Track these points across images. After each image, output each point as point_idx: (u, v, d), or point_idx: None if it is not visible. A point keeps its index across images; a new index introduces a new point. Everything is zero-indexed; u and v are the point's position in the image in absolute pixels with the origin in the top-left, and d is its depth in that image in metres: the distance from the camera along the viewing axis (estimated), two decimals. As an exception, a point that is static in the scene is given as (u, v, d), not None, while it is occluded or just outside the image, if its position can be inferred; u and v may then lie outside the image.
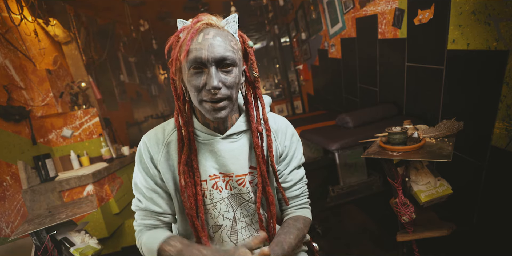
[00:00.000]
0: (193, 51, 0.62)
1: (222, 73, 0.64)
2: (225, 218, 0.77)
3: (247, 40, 0.70)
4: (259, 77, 0.74)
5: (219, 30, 0.65)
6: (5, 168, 1.89)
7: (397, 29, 2.14)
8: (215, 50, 0.62)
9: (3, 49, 2.09)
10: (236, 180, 0.76)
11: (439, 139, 1.34)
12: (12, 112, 2.00)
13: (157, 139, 0.76)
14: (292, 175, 0.84)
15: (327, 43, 3.42)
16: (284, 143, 0.81)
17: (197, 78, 0.63)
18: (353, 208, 2.23)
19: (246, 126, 0.76)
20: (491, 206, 1.63)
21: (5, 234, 1.74)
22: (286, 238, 0.74)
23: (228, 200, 0.77)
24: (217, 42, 0.62)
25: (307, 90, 4.68)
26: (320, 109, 4.27)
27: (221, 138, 0.74)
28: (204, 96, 0.64)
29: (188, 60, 0.62)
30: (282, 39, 5.32)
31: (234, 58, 0.64)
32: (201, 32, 0.63)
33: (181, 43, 0.63)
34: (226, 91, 0.64)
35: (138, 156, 0.78)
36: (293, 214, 0.84)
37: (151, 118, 5.47)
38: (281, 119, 0.85)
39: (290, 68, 5.28)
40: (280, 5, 3.68)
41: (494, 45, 1.43)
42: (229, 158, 0.74)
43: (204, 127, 0.74)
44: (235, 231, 0.79)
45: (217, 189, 0.75)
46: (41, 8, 2.46)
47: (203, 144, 0.74)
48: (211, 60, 0.62)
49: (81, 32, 3.09)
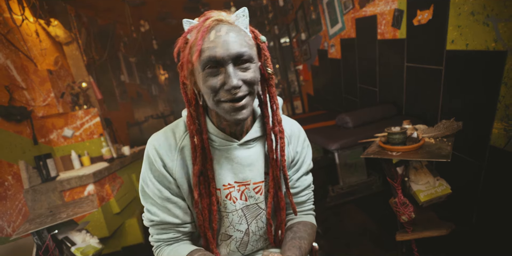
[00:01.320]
0: (206, 50, 0.57)
1: (240, 70, 0.59)
2: (236, 229, 0.74)
3: (259, 35, 0.65)
4: (273, 74, 0.69)
5: (230, 25, 0.60)
6: (6, 168, 1.89)
7: (396, 29, 2.15)
8: (230, 46, 0.57)
9: (5, 49, 2.10)
10: (253, 188, 0.72)
11: (438, 139, 1.35)
12: (14, 112, 2.01)
13: (169, 145, 0.69)
14: (301, 182, 0.81)
15: (327, 43, 3.43)
16: (296, 148, 0.78)
17: (213, 79, 0.58)
18: (352, 208, 2.23)
19: (262, 131, 0.73)
20: (490, 205, 1.64)
21: (7, 234, 1.74)
22: (301, 243, 0.72)
23: (242, 211, 0.73)
24: (231, 38, 0.57)
25: (307, 90, 4.69)
26: (320, 109, 4.28)
27: (238, 145, 0.69)
28: (223, 97, 0.59)
29: (202, 60, 0.58)
30: (282, 39, 5.32)
31: (250, 53, 0.59)
32: (212, 29, 0.58)
33: (191, 43, 0.59)
34: (247, 88, 0.60)
35: (147, 164, 0.69)
36: (299, 219, 0.82)
37: (152, 118, 5.48)
38: (295, 123, 0.81)
39: (290, 68, 5.29)
40: (280, 5, 3.69)
41: (493, 46, 1.43)
42: (247, 165, 0.70)
43: (221, 132, 0.68)
44: (246, 243, 0.76)
45: (231, 200, 0.71)
46: (42, 8, 2.47)
47: (218, 150, 0.69)
48: (227, 58, 0.57)
49: (82, 32, 3.10)
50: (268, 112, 0.72)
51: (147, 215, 0.71)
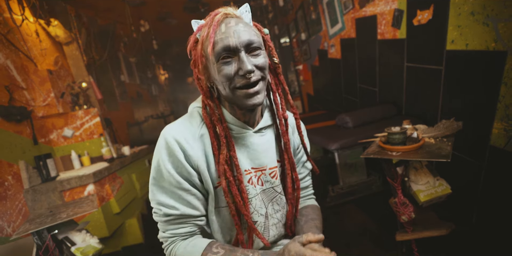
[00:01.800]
0: (219, 41, 0.62)
1: (252, 57, 0.64)
2: (259, 214, 0.77)
3: (262, 28, 0.71)
4: (279, 63, 0.75)
5: (238, 18, 0.66)
6: (6, 168, 1.89)
7: (396, 29, 2.15)
8: (241, 35, 0.62)
9: (5, 49, 2.10)
10: (269, 173, 0.77)
11: (438, 139, 1.35)
12: (14, 112, 2.01)
13: (190, 133, 0.69)
14: (304, 167, 0.90)
15: (327, 43, 3.43)
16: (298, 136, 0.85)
17: (227, 67, 0.63)
18: (352, 208, 2.23)
19: (272, 120, 0.79)
20: (490, 205, 1.64)
21: (7, 234, 1.74)
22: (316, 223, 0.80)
23: (261, 195, 0.77)
24: (241, 28, 0.63)
25: (307, 90, 4.69)
26: (320, 109, 4.28)
27: (253, 132, 0.74)
28: (238, 83, 0.63)
29: (216, 51, 0.63)
30: (282, 39, 5.32)
31: (260, 41, 0.65)
32: (221, 23, 0.64)
33: (203, 39, 0.65)
34: (259, 73, 0.65)
35: (166, 155, 0.67)
36: (306, 203, 0.91)
37: (152, 118, 5.48)
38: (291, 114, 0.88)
39: (290, 68, 5.29)
40: (280, 5, 3.69)
41: (493, 46, 1.44)
42: (262, 151, 0.75)
43: (237, 120, 0.73)
44: (267, 227, 0.80)
45: (252, 184, 0.75)
46: (42, 8, 2.47)
47: (235, 138, 0.73)
48: (239, 46, 0.62)
49: (82, 32, 3.10)
50: (277, 99, 0.76)
51: (164, 209, 0.68)
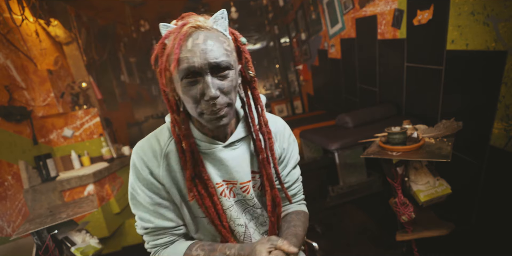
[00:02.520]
0: (184, 60, 0.56)
1: (218, 78, 0.60)
2: (236, 224, 0.76)
3: (240, 37, 0.65)
4: (255, 76, 0.69)
5: (208, 31, 0.59)
6: (6, 168, 1.89)
7: (396, 29, 2.15)
8: (208, 56, 0.56)
9: (5, 49, 2.10)
10: (240, 188, 0.74)
11: (438, 139, 1.35)
12: (14, 112, 2.01)
13: (154, 151, 0.69)
14: (290, 176, 0.84)
15: (327, 43, 3.43)
16: (283, 145, 0.80)
17: (192, 89, 0.59)
18: (353, 208, 2.23)
19: (246, 132, 0.74)
20: (490, 205, 1.64)
21: (7, 234, 1.74)
22: (297, 231, 0.75)
23: (236, 206, 0.76)
24: (209, 46, 0.57)
25: (307, 90, 4.69)
26: (320, 109, 4.28)
27: (222, 147, 0.70)
28: (204, 109, 0.60)
29: (180, 70, 0.57)
30: (282, 39, 5.32)
31: (229, 61, 0.59)
32: (189, 37, 0.57)
33: (168, 51, 0.57)
34: (224, 99, 0.60)
35: (134, 172, 0.70)
36: (292, 209, 0.86)
37: (152, 118, 5.48)
38: (279, 120, 0.83)
39: (290, 69, 5.29)
40: (280, 5, 3.70)
41: (493, 46, 1.43)
42: (233, 166, 0.72)
43: (204, 136, 0.70)
44: (249, 236, 0.79)
45: (226, 196, 0.73)
46: (42, 8, 2.47)
47: (204, 153, 0.71)
48: (205, 68, 0.57)
49: (82, 32, 3.10)
50: (253, 113, 0.72)
51: (140, 223, 0.72)
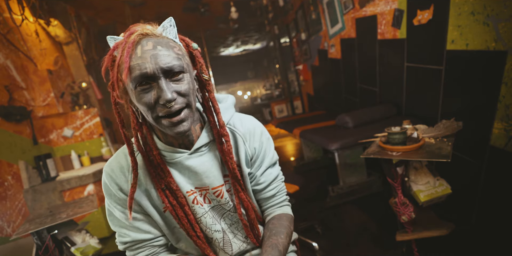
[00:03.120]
0: (136, 67, 0.55)
1: (173, 83, 0.58)
2: (213, 231, 0.75)
3: (191, 43, 0.65)
4: (209, 79, 0.69)
5: (157, 38, 0.59)
6: (6, 168, 1.89)
7: (396, 29, 2.15)
8: (159, 60, 0.56)
9: (5, 49, 2.10)
10: (213, 193, 0.73)
11: (438, 139, 1.35)
12: (14, 112, 2.01)
13: (121, 167, 0.69)
14: (265, 176, 0.80)
15: (327, 43, 3.43)
16: (253, 145, 0.77)
17: (146, 95, 0.57)
18: (353, 208, 2.23)
19: (212, 136, 0.72)
20: (490, 205, 1.64)
21: (7, 234, 1.74)
22: (278, 239, 0.72)
23: (210, 213, 0.75)
24: (159, 51, 0.57)
25: (307, 90, 4.69)
26: (320, 109, 4.28)
27: (188, 154, 0.69)
28: (160, 112, 0.58)
29: (132, 78, 0.56)
30: (282, 39, 5.33)
31: (182, 64, 0.59)
32: (138, 45, 0.57)
33: (118, 61, 0.57)
34: (182, 100, 0.59)
35: (105, 190, 0.70)
36: (274, 213, 0.82)
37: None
38: (248, 119, 0.80)
39: (290, 69, 5.29)
40: (280, 5, 3.70)
41: (493, 46, 1.43)
42: (202, 172, 0.70)
43: (168, 147, 0.68)
44: (228, 242, 0.77)
45: (198, 204, 0.72)
46: (42, 8, 2.47)
47: (171, 163, 0.70)
48: (158, 73, 0.56)
49: (82, 32, 3.10)
50: (212, 117, 0.71)
51: (119, 238, 0.72)
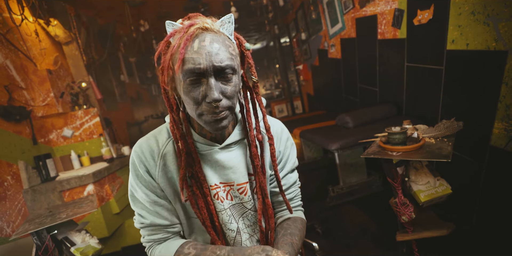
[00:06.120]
0: (190, 61, 0.56)
1: (222, 82, 0.59)
2: (227, 228, 0.76)
3: (244, 42, 0.65)
4: (258, 81, 0.68)
5: (215, 34, 0.59)
6: (6, 168, 1.89)
7: (396, 29, 2.15)
8: (214, 59, 0.56)
9: (4, 49, 2.10)
10: (237, 189, 0.74)
11: (438, 139, 1.35)
12: (13, 112, 2.01)
13: (152, 151, 0.70)
14: (286, 179, 0.82)
15: (327, 43, 3.42)
16: (279, 148, 0.80)
17: (194, 90, 0.58)
18: (353, 208, 2.23)
19: (242, 134, 0.74)
20: (491, 206, 1.64)
21: (6, 234, 1.74)
22: (293, 239, 0.73)
23: (230, 210, 0.75)
24: (215, 49, 0.57)
25: (307, 90, 4.69)
26: (320, 109, 4.27)
27: (219, 148, 0.71)
28: (205, 110, 0.59)
29: (184, 70, 0.57)
30: (282, 39, 5.32)
31: (233, 65, 0.59)
32: (196, 38, 0.57)
33: (173, 50, 0.57)
34: (227, 102, 0.60)
35: (133, 169, 0.72)
36: (289, 215, 0.83)
37: (151, 118, 5.47)
38: (277, 123, 0.82)
39: (290, 68, 5.29)
40: (280, 5, 3.69)
41: (493, 46, 1.43)
42: (229, 167, 0.72)
43: (202, 138, 0.70)
44: (239, 242, 0.78)
45: (219, 199, 0.73)
46: (41, 8, 2.47)
47: (201, 154, 0.71)
48: (210, 71, 0.56)
49: (81, 32, 3.09)
50: (251, 119, 0.72)
51: (138, 218, 0.74)
